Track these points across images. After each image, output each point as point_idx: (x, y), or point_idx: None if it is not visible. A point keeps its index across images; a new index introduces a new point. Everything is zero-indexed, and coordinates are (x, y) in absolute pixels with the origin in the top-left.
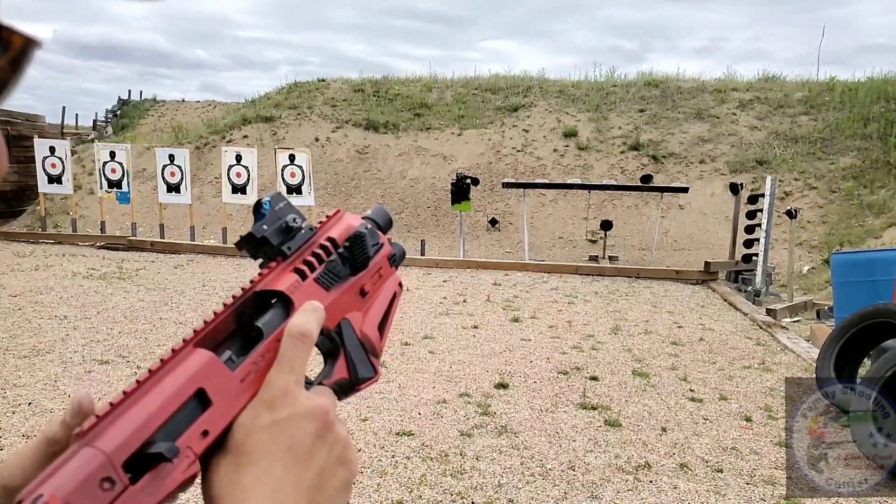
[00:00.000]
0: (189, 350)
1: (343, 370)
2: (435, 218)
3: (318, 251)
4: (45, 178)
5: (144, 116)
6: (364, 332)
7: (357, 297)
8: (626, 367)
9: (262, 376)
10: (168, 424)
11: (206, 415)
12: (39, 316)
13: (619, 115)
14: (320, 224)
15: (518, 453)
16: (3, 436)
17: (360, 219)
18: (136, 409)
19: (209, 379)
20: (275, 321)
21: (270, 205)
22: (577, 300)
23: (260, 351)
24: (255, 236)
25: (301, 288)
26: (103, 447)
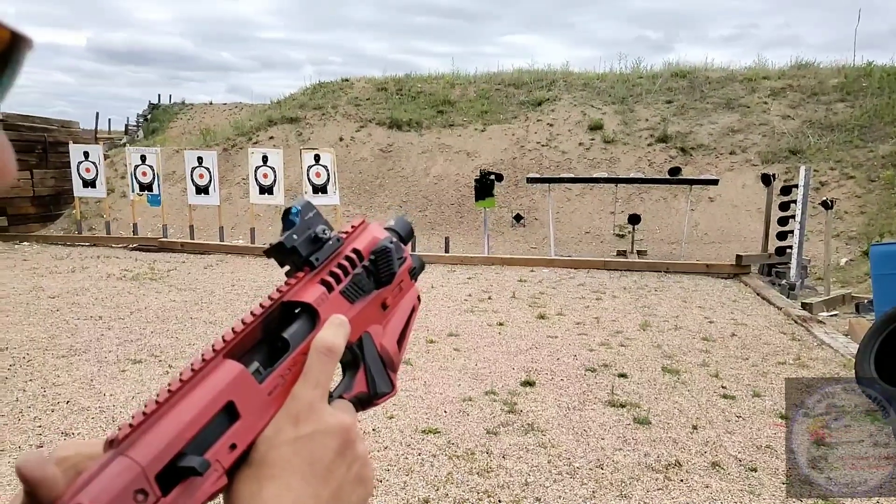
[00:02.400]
0: (219, 360)
1: (363, 384)
2: (459, 215)
3: (344, 263)
4: (80, 182)
5: (174, 120)
6: (384, 346)
7: (378, 310)
8: (656, 364)
9: (287, 390)
10: (198, 437)
11: (235, 428)
12: (76, 316)
13: (646, 107)
14: (345, 234)
15: (545, 451)
16: (43, 433)
17: (384, 230)
18: (168, 420)
19: (238, 392)
20: (301, 333)
21: (300, 213)
22: (604, 296)
23: (287, 364)
24: (285, 246)
25: (327, 300)
26: (138, 458)
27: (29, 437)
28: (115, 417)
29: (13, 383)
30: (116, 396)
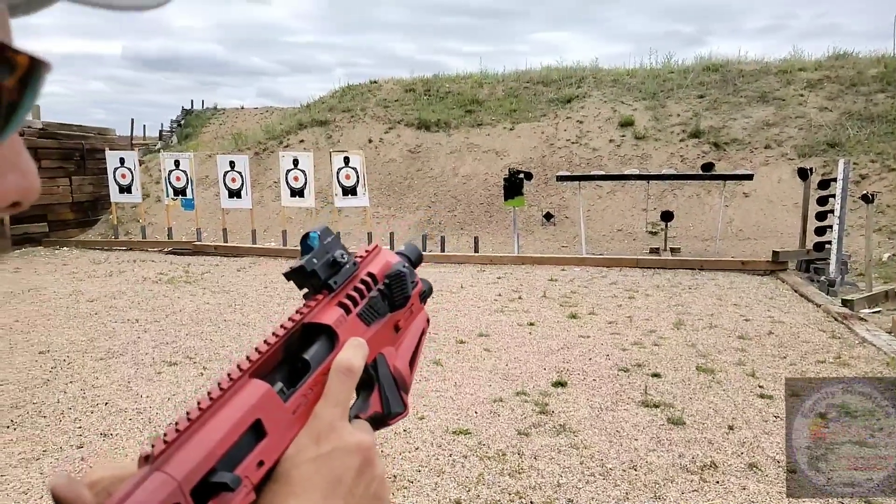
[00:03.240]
0: (246, 379)
1: (377, 404)
2: (488, 214)
3: (360, 286)
4: (117, 188)
5: (206, 125)
6: (396, 367)
7: (392, 333)
8: (690, 363)
9: (309, 409)
10: (229, 453)
11: (262, 445)
12: (113, 319)
13: (678, 102)
14: (360, 258)
15: (577, 452)
16: (83, 434)
17: (395, 255)
18: (200, 436)
19: (265, 410)
20: (321, 354)
21: (319, 239)
22: (637, 294)
23: (308, 384)
24: (305, 269)
25: (345, 322)
26: (174, 474)
27: (70, 437)
28: (152, 419)
29: (55, 385)
30: (153, 398)
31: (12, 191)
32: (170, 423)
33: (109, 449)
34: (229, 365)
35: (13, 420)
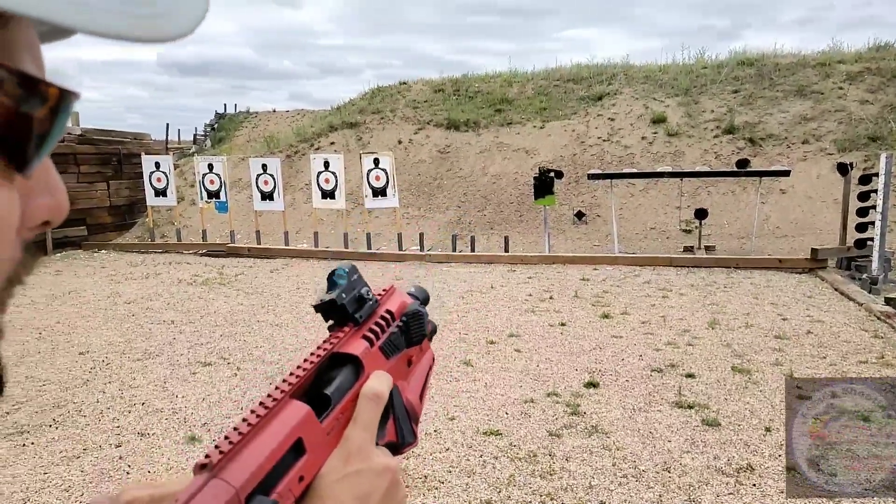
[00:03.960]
0: (287, 400)
1: (392, 433)
2: (518, 213)
3: (381, 322)
4: (152, 191)
5: (239, 128)
6: (409, 400)
7: (405, 367)
8: (725, 364)
9: (341, 431)
10: (276, 467)
11: (302, 462)
12: (150, 321)
13: (711, 98)
14: (379, 296)
15: (610, 454)
16: (122, 433)
17: (408, 296)
18: (252, 449)
19: (306, 430)
20: (349, 381)
21: (347, 275)
22: (671, 293)
23: (340, 408)
24: (335, 303)
25: (369, 354)
26: (232, 481)
27: (109, 436)
28: (187, 418)
29: (94, 385)
30: (188, 398)
31: (44, 211)
32: (219, 439)
33: (146, 448)
34: (262, 365)
35: (55, 419)
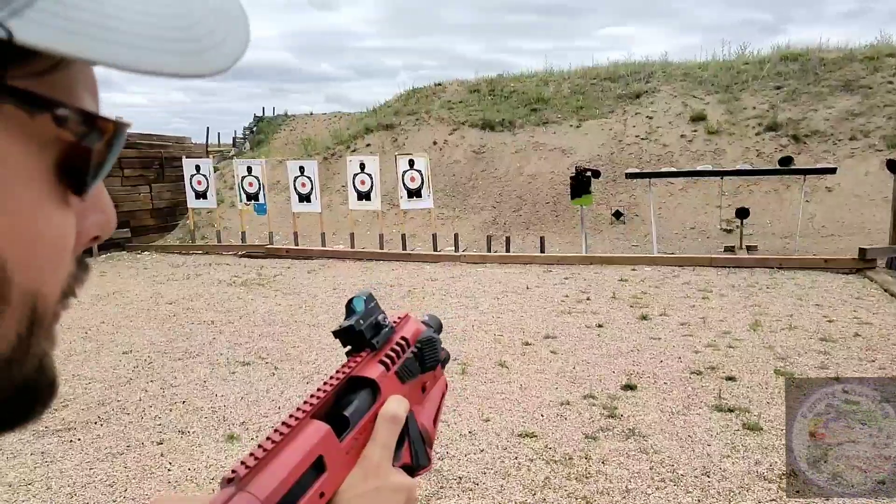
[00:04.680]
0: (308, 420)
1: (407, 456)
2: (555, 213)
3: (396, 348)
4: (193, 194)
5: (277, 131)
6: (423, 424)
7: (419, 392)
8: (768, 367)
9: (359, 450)
10: (298, 482)
11: (323, 479)
12: (190, 321)
13: (753, 95)
14: (395, 323)
15: (647, 458)
16: (163, 431)
17: (422, 324)
18: (276, 465)
19: (326, 448)
20: (366, 404)
21: (364, 303)
22: (711, 294)
23: (358, 429)
24: (354, 329)
25: (386, 378)
26: (258, 494)
27: (150, 434)
28: (226, 417)
29: (136, 384)
30: (227, 397)
31: (95, 227)
32: (245, 455)
33: (187, 446)
34: (299, 364)
35: (100, 416)
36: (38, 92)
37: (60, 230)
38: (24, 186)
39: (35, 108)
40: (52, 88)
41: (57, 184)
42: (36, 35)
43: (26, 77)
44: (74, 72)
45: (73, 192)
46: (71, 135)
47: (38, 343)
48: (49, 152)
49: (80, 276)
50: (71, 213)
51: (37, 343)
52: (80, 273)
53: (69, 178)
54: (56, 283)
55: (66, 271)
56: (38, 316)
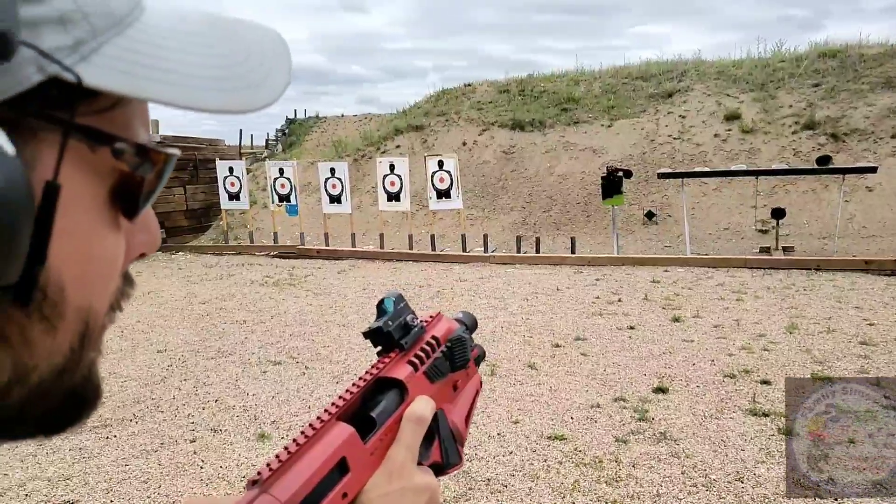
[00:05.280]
0: (333, 422)
1: (437, 454)
2: (586, 214)
3: (426, 347)
4: (226, 195)
5: (309, 133)
6: (454, 422)
7: (450, 391)
8: (804, 370)
9: (384, 451)
10: (321, 483)
11: (346, 480)
12: (223, 321)
13: (789, 93)
14: (426, 322)
15: (679, 462)
16: (196, 429)
17: (455, 322)
18: (299, 467)
19: (350, 450)
20: (393, 404)
21: (394, 304)
22: (746, 296)
23: (384, 430)
24: (382, 330)
25: (414, 378)
26: (279, 496)
27: (184, 431)
28: (257, 416)
29: (171, 382)
30: (258, 396)
31: (141, 246)
32: (271, 457)
33: (219, 444)
34: (329, 364)
35: (135, 414)
36: (99, 128)
37: (112, 251)
38: (83, 212)
39: (97, 143)
40: (112, 124)
41: (110, 208)
42: (101, 78)
43: (90, 114)
44: (131, 108)
45: (124, 215)
46: (126, 166)
47: (88, 353)
48: (105, 181)
49: (126, 291)
50: (121, 235)
51: (86, 354)
52: (126, 287)
53: (122, 203)
54: (105, 299)
55: (115, 287)
56: (89, 330)
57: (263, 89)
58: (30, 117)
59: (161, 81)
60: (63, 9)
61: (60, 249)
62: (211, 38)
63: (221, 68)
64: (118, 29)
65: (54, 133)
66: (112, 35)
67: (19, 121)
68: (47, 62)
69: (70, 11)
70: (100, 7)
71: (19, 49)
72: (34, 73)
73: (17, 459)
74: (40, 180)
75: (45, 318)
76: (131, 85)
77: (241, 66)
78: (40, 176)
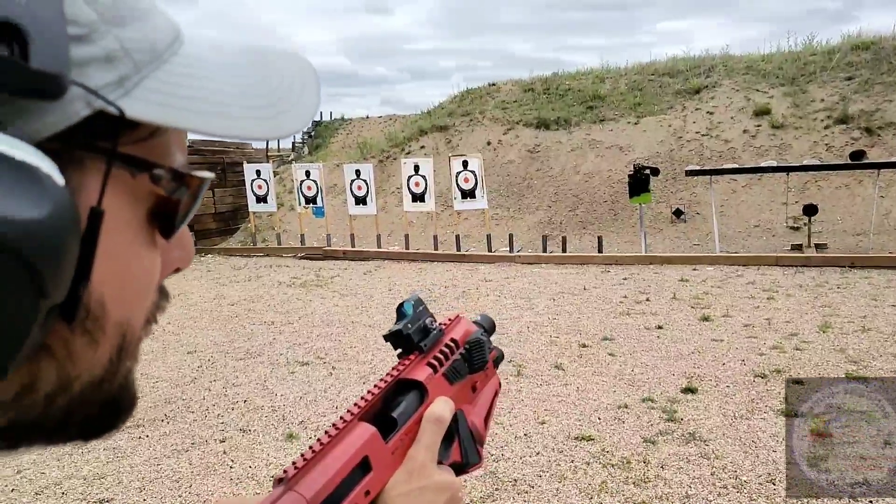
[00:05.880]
0: (356, 423)
1: (457, 454)
2: (612, 212)
3: (445, 350)
4: (254, 198)
5: (334, 135)
6: (473, 423)
7: (469, 392)
8: (839, 370)
9: (404, 451)
10: (344, 481)
11: (369, 478)
12: (252, 322)
13: (821, 87)
14: (444, 325)
15: (708, 463)
16: (225, 429)
17: (473, 324)
18: (323, 465)
19: (372, 449)
20: (413, 405)
21: (413, 307)
22: (777, 295)
23: (404, 430)
24: (402, 333)
25: (433, 380)
26: (304, 493)
27: (214, 432)
28: (286, 416)
29: (200, 383)
30: (286, 396)
31: (176, 262)
32: (297, 457)
33: (248, 444)
34: (356, 365)
35: (166, 414)
36: (140, 156)
37: (149, 268)
38: (122, 234)
39: (137, 170)
40: (151, 151)
41: (148, 229)
42: (141, 111)
43: (131, 143)
44: (169, 135)
45: (161, 234)
46: (163, 190)
47: (125, 364)
48: (144, 204)
49: (162, 304)
50: (158, 253)
51: (123, 364)
52: (162, 301)
53: (159, 223)
54: (143, 314)
55: (151, 301)
56: (127, 342)
57: (294, 115)
58: (76, 148)
59: (197, 112)
60: (109, 48)
61: (102, 269)
62: (244, 68)
63: (254, 97)
64: (158, 63)
65: (99, 162)
66: (152, 69)
67: (67, 151)
68: (94, 98)
69: (115, 50)
70: (142, 44)
71: (70, 88)
72: (82, 109)
73: (54, 458)
74: (86, 206)
75: (88, 333)
76: (169, 116)
77: (272, 94)
78: (85, 202)
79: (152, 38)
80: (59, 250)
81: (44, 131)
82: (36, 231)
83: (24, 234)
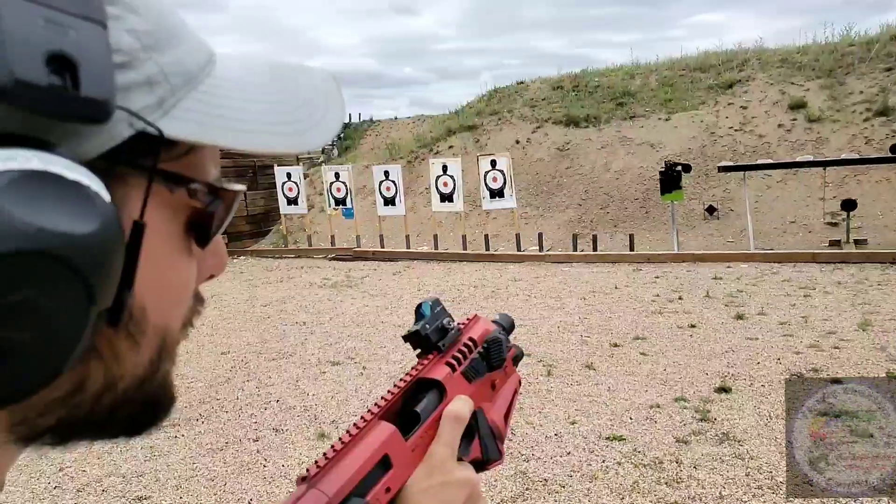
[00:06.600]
0: (376, 422)
1: (477, 451)
2: (644, 210)
3: (463, 349)
4: (285, 200)
5: (363, 137)
6: (493, 420)
7: (489, 390)
8: (879, 369)
9: (425, 448)
10: (365, 479)
11: (389, 475)
12: (284, 322)
13: (860, 78)
14: (462, 325)
15: (743, 463)
16: (258, 428)
17: (491, 323)
18: (345, 463)
19: (392, 447)
20: (433, 404)
21: (431, 308)
22: (814, 292)
23: (424, 427)
24: (420, 334)
25: (452, 379)
26: (326, 491)
27: (247, 431)
28: (317, 415)
29: (234, 383)
30: (318, 396)
31: (211, 269)
32: (319, 456)
33: (281, 443)
34: (386, 364)
35: (201, 414)
36: (177, 172)
37: (186, 276)
38: (162, 244)
39: (175, 184)
40: (187, 167)
41: (185, 239)
42: (178, 130)
43: (169, 160)
44: (204, 151)
45: (197, 244)
46: (199, 203)
47: (164, 365)
48: (181, 216)
49: (198, 309)
50: (194, 261)
51: (163, 365)
52: (198, 305)
53: (195, 234)
54: (180, 317)
55: (188, 306)
56: (166, 344)
57: (320, 129)
58: (120, 166)
59: (229, 129)
60: (149, 72)
61: (144, 277)
62: (272, 85)
63: (283, 113)
64: (193, 84)
65: (140, 178)
66: (188, 90)
67: (112, 169)
68: (136, 119)
69: (155, 74)
70: (178, 67)
71: (115, 111)
72: (125, 130)
73: (95, 457)
74: (129, 219)
75: (131, 336)
76: (204, 133)
77: (300, 111)
78: (128, 215)
79: (188, 61)
80: (106, 261)
81: (92, 151)
82: (86, 244)
83: (76, 247)
